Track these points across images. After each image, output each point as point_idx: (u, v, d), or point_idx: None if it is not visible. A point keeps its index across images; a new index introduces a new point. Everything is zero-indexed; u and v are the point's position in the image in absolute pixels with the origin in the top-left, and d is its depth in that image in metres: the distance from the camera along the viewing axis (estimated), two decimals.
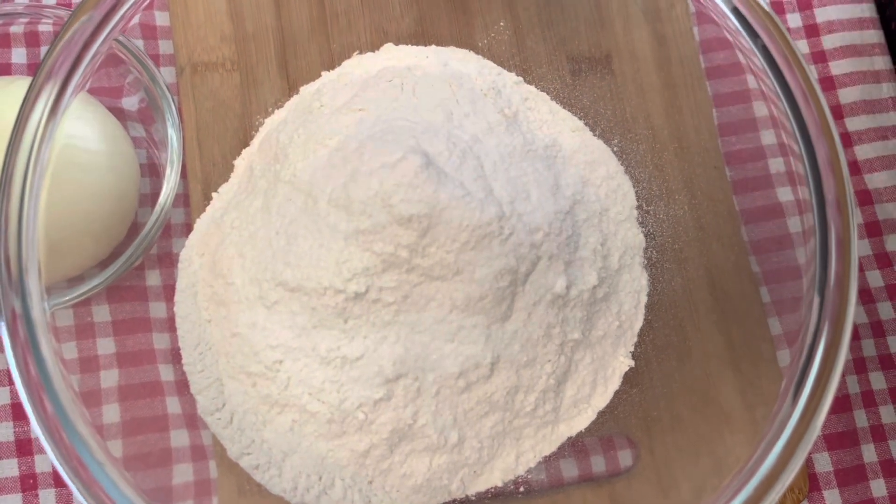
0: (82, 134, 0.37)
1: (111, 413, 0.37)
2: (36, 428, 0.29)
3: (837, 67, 0.46)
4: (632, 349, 0.39)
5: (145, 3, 0.34)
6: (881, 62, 0.46)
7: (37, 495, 0.39)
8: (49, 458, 0.39)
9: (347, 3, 0.43)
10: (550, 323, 0.35)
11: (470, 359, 0.34)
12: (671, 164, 0.41)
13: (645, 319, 0.39)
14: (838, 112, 0.46)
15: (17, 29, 0.43)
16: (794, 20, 0.47)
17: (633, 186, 0.41)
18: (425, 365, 0.34)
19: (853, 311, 0.30)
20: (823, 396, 0.30)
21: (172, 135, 0.40)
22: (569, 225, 0.36)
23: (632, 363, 0.39)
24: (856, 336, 0.43)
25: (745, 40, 0.32)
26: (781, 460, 0.30)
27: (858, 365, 0.43)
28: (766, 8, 0.32)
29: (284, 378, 0.35)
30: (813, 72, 0.46)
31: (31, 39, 0.44)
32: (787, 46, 0.31)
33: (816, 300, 0.30)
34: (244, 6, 0.43)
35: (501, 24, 0.43)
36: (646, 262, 0.40)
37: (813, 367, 0.30)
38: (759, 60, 0.32)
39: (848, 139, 0.46)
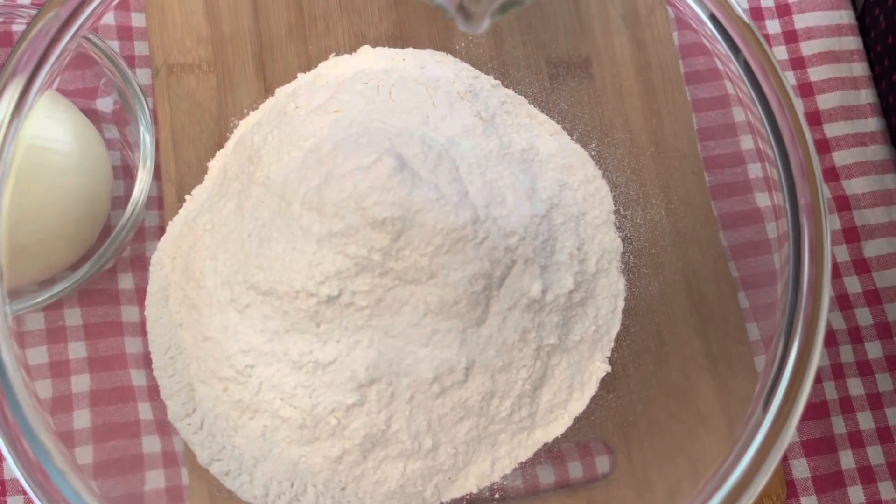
0: (53, 135, 0.37)
1: (82, 418, 0.36)
2: None
3: (816, 74, 0.46)
4: (609, 354, 0.39)
5: (115, 2, 0.34)
6: (860, 69, 0.46)
7: (5, 502, 0.39)
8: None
9: (326, 6, 0.43)
10: (526, 327, 0.35)
11: (444, 363, 0.34)
12: (649, 168, 0.41)
13: (622, 324, 0.39)
14: (816, 118, 0.46)
15: None
16: (773, 26, 0.47)
17: (611, 191, 0.41)
18: (399, 370, 0.34)
19: (826, 316, 0.30)
20: (796, 400, 0.30)
21: (145, 136, 0.40)
22: (545, 229, 0.36)
23: (609, 368, 0.38)
24: (833, 342, 0.43)
25: (722, 46, 0.32)
26: (754, 465, 0.30)
27: (836, 371, 0.43)
28: (742, 15, 0.32)
29: (256, 383, 0.34)
30: (790, 78, 0.47)
31: (5, 39, 0.43)
32: (762, 53, 0.31)
33: (789, 304, 0.30)
34: (221, 9, 0.42)
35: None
36: (623, 266, 0.40)
37: (786, 371, 0.30)
38: (735, 66, 0.32)
39: (826, 145, 0.46)
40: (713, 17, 0.32)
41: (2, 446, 0.28)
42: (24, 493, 0.39)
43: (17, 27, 0.43)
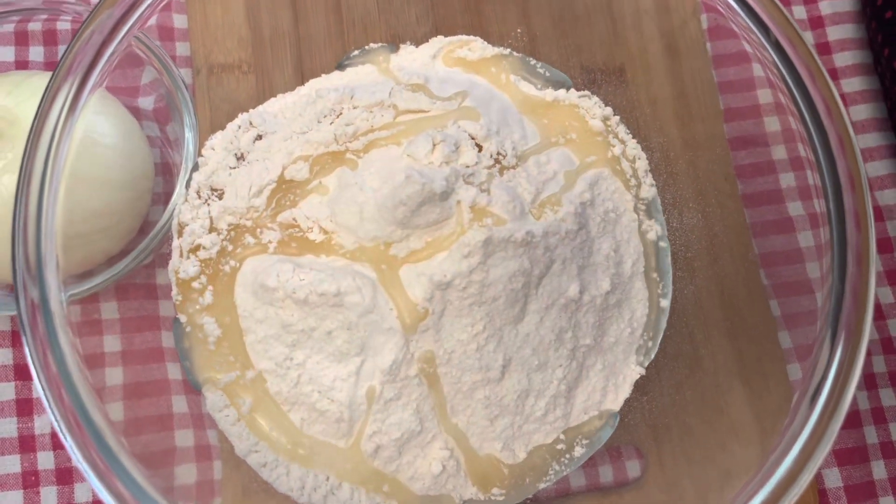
0: (100, 129, 0.37)
1: (115, 411, 0.36)
2: (53, 419, 0.28)
3: (849, 85, 0.47)
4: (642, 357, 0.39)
5: (163, 3, 0.34)
6: None
7: (38, 493, 0.39)
8: (51, 456, 0.39)
9: (364, 10, 0.44)
10: (563, 327, 0.35)
11: (481, 360, 0.34)
12: (685, 173, 0.41)
13: None
14: None
15: (34, 26, 0.44)
16: (806, 38, 0.47)
17: None
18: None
19: (870, 325, 0.30)
20: (837, 410, 0.30)
21: (189, 136, 0.40)
22: (583, 230, 0.36)
23: (643, 371, 0.38)
24: (866, 353, 0.43)
25: (769, 53, 0.32)
26: (791, 474, 0.29)
27: (869, 381, 0.42)
28: (792, 21, 0.32)
29: (295, 375, 0.35)
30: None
31: (49, 37, 0.44)
32: (810, 60, 0.31)
33: (832, 314, 0.30)
34: (262, 12, 0.43)
35: (519, 30, 0.43)
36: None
37: (827, 380, 0.30)
38: (781, 73, 0.32)
39: None
40: (761, 24, 0.32)
41: (58, 428, 0.28)
42: (58, 483, 0.39)
43: (62, 25, 0.44)
